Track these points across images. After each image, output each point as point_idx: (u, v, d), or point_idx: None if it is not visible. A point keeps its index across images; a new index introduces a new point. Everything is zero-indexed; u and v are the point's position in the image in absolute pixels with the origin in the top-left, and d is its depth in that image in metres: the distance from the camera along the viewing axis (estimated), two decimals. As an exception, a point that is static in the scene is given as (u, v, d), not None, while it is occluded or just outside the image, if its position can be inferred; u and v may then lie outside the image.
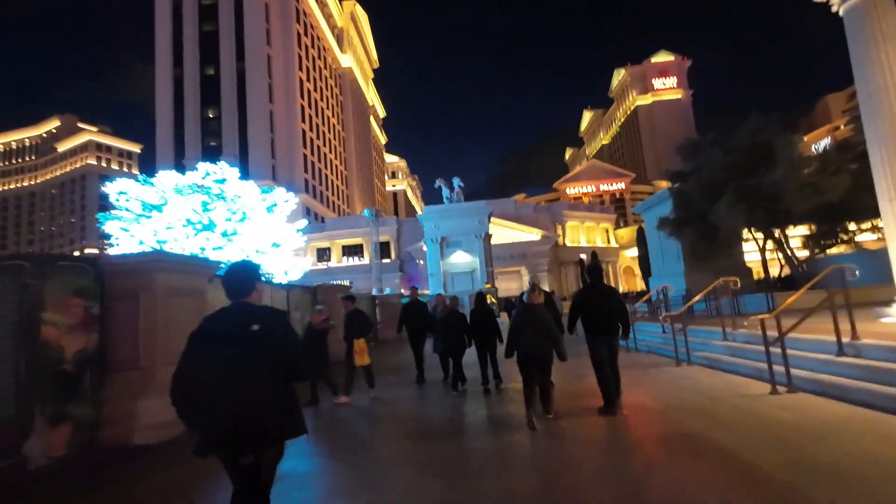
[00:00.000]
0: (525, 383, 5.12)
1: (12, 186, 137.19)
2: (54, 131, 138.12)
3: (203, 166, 21.34)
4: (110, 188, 20.29)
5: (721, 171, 12.03)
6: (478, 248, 30.01)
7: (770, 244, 15.99)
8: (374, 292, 23.90)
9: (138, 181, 20.45)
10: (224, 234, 21.17)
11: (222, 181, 21.47)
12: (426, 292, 33.75)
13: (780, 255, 16.26)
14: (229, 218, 21.32)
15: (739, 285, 7.89)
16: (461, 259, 30.26)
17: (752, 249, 17.12)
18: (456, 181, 32.12)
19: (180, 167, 21.08)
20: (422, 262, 39.65)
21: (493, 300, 24.05)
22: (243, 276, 2.40)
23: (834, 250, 15.82)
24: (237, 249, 21.16)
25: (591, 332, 5.35)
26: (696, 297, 8.27)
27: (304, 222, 25.67)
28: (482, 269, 29.62)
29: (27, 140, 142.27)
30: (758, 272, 16.60)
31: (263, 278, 2.77)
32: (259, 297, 2.42)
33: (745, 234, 15.53)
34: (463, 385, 7.55)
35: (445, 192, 32.14)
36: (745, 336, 7.21)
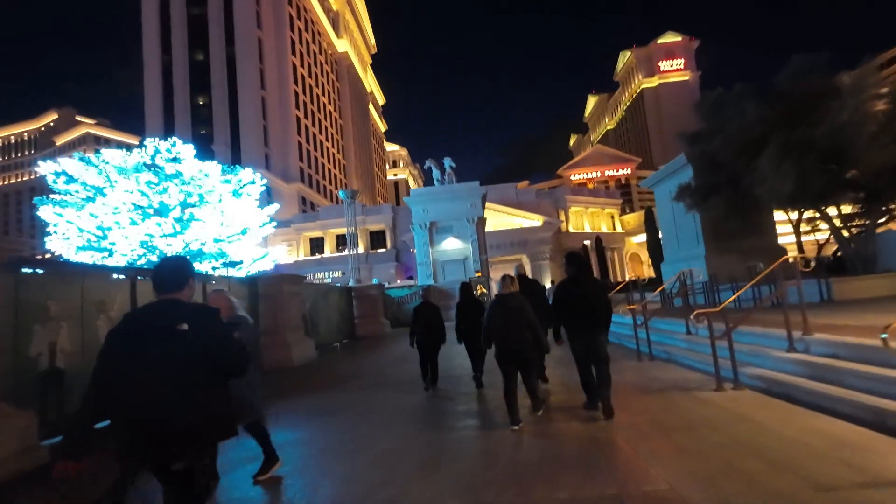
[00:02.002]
0: (504, 381, 4.68)
1: (12, 181, 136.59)
2: (52, 125, 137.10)
3: (151, 143, 18.85)
4: (44, 168, 17.88)
5: (756, 125, 9.39)
6: (470, 234, 27.32)
7: (803, 224, 13.36)
8: (350, 283, 21.46)
9: (78, 159, 17.99)
10: (178, 220, 18.74)
11: (176, 160, 18.99)
12: (413, 282, 31.38)
13: (818, 235, 13.66)
14: (184, 201, 18.87)
15: (812, 266, 5.31)
16: (452, 246, 27.62)
17: (786, 232, 14.42)
18: (447, 161, 29.38)
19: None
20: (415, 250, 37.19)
21: (485, 290, 21.60)
22: (176, 269, 2.22)
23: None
24: (192, 237, 18.75)
25: (572, 329, 4.88)
26: (753, 282, 5.60)
27: (274, 207, 23.21)
28: (475, 256, 27.00)
29: (26, 134, 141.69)
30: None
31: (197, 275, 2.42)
32: (191, 295, 2.24)
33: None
34: (435, 385, 6.85)
35: (436, 173, 29.44)
36: (826, 345, 4.64)
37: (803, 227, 13.42)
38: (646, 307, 7.09)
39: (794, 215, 13.30)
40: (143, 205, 17.88)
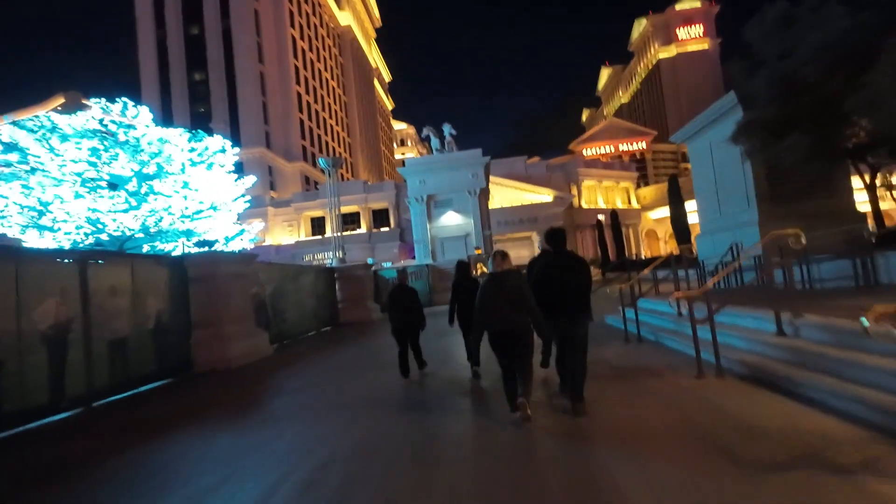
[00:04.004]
0: (502, 370, 4.21)
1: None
2: (59, 109, 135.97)
3: (97, 104, 16.38)
4: (-28, 135, 15.56)
5: (857, 32, 6.60)
6: (472, 207, 24.56)
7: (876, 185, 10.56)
8: (332, 263, 19.07)
9: (10, 123, 15.63)
10: (135, 194, 16.41)
11: (128, 125, 16.55)
12: (414, 262, 28.88)
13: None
14: (140, 172, 16.49)
15: None
16: (452, 221, 24.93)
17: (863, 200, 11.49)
18: (447, 128, 26.46)
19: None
20: (416, 228, 34.43)
21: (486, 269, 19.10)
22: None
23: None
24: (153, 213, 16.42)
25: (551, 314, 4.20)
26: None
27: (251, 179, 20.70)
28: (477, 231, 24.33)
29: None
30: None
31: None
32: None
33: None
34: (421, 369, 6.58)
35: (435, 142, 26.59)
36: None
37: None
38: (708, 293, 4.44)
39: (867, 176, 10.48)
40: (90, 176, 15.54)
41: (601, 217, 46.68)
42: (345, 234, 53.50)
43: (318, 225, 57.12)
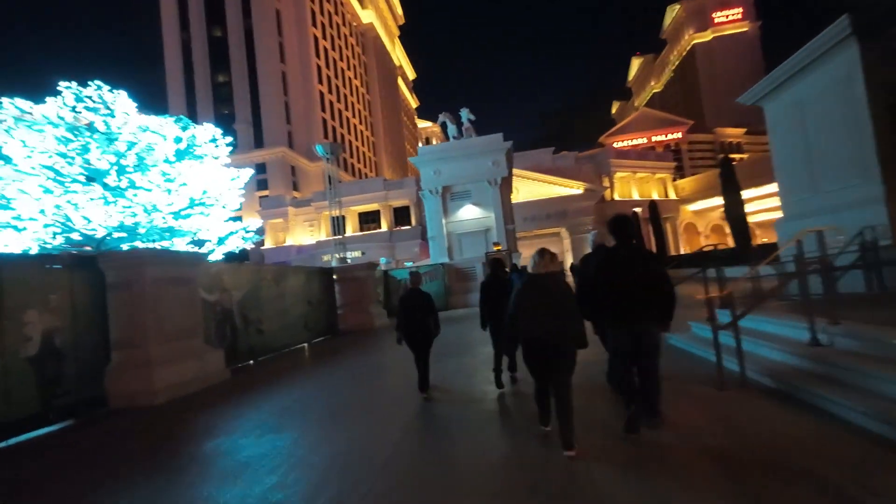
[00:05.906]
0: (536, 385, 3.68)
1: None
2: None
3: (69, 89, 14.70)
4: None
5: None
6: (492, 199, 21.91)
7: None
8: (332, 263, 16.91)
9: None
10: (113, 189, 14.70)
11: (105, 112, 14.83)
12: (423, 261, 26.55)
13: None
14: (116, 162, 14.77)
15: None
16: (470, 214, 22.34)
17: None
18: (464, 114, 23.91)
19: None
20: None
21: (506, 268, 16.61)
22: None
23: None
24: (132, 208, 14.66)
25: (613, 319, 3.64)
26: None
27: (249, 171, 18.80)
28: (499, 226, 21.69)
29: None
30: None
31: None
32: None
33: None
34: (425, 390, 5.70)
35: (451, 129, 24.12)
36: None
37: None
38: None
39: None
40: (61, 169, 13.87)
41: (637, 210, 43.19)
42: (365, 232, 51.90)
43: (337, 224, 55.78)
